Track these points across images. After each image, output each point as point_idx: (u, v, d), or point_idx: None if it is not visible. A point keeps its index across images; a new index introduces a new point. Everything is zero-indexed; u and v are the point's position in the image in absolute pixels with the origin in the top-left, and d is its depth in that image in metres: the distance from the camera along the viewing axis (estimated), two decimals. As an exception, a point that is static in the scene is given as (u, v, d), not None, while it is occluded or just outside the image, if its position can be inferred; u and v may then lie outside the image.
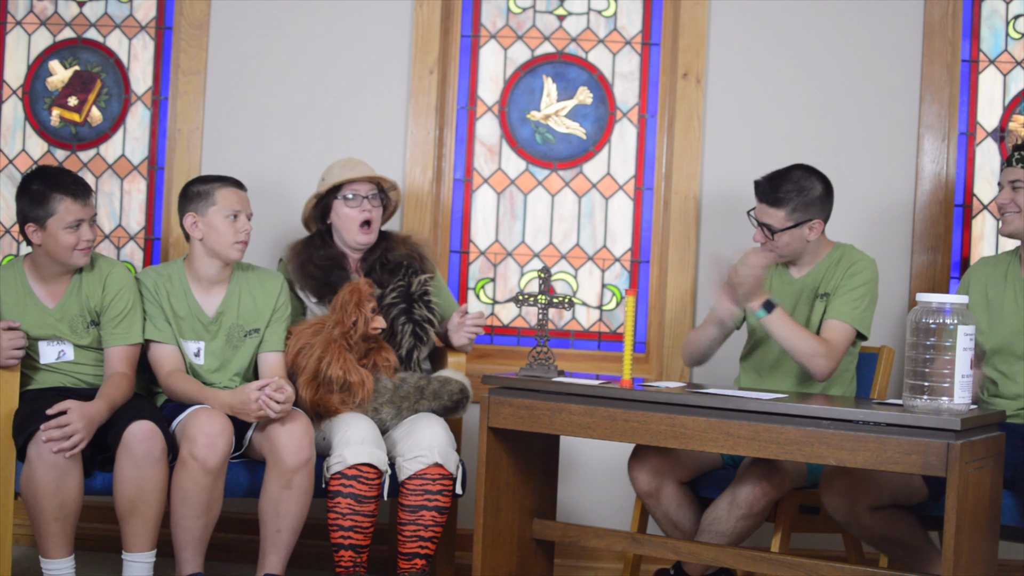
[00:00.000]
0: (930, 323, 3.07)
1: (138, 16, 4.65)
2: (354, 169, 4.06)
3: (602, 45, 4.58)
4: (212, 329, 3.89)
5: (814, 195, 3.71)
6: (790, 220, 3.70)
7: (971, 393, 3.10)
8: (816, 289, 3.77)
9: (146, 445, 3.55)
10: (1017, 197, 3.59)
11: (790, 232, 3.71)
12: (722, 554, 3.47)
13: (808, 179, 3.73)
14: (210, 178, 3.92)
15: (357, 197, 4.02)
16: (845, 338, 3.65)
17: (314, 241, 4.09)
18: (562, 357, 4.50)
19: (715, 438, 3.26)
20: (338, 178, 4.02)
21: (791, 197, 3.69)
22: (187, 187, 3.92)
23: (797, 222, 3.70)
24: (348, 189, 4.02)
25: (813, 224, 3.72)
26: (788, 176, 3.72)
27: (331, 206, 4.05)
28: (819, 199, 3.72)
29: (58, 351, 3.80)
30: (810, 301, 3.77)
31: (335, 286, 3.96)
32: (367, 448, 3.69)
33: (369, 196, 4.03)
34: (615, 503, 4.42)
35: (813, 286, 3.78)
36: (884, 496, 3.45)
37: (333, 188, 4.04)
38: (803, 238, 3.74)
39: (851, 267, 3.73)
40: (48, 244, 3.71)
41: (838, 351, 3.63)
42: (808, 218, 3.71)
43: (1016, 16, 4.43)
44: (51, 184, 3.70)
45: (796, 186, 3.70)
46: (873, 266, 3.76)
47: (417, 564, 3.72)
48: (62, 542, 3.55)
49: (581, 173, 4.58)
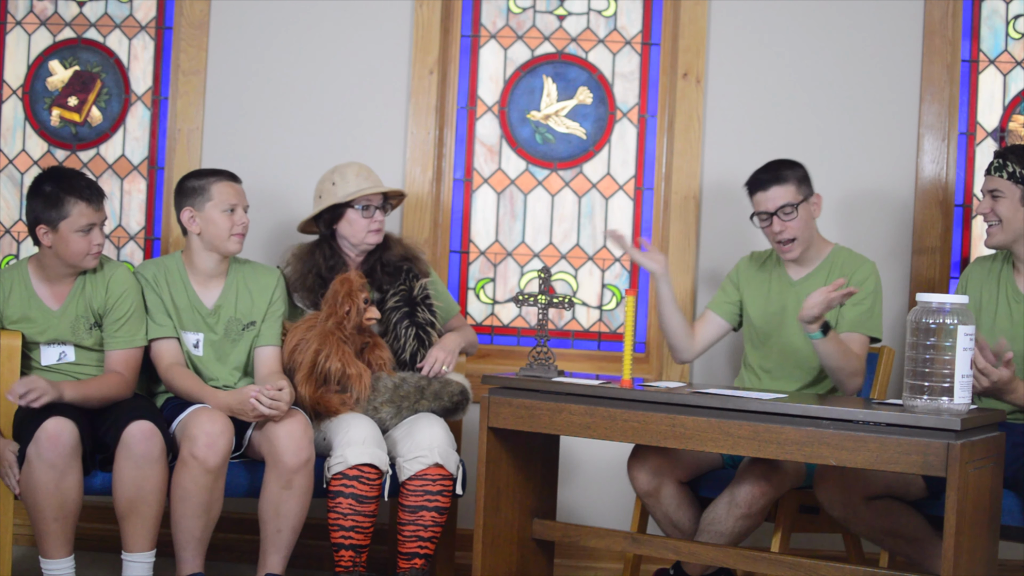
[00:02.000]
0: (930, 323, 3.07)
1: (138, 16, 4.65)
2: (368, 179, 4.03)
3: (602, 45, 4.58)
4: (211, 321, 3.89)
5: (803, 172, 3.86)
6: (800, 193, 3.81)
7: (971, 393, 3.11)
8: None
9: (145, 445, 3.55)
10: (997, 207, 3.57)
11: (804, 206, 3.80)
12: (722, 554, 3.47)
13: (790, 161, 3.87)
14: (205, 172, 3.92)
15: (370, 208, 4.02)
16: (866, 349, 3.78)
17: (322, 250, 4.06)
18: (562, 357, 4.50)
19: (715, 438, 3.26)
20: (360, 190, 3.99)
21: (789, 174, 3.82)
22: (182, 182, 3.92)
23: (806, 196, 3.82)
24: (363, 199, 4.01)
25: (815, 200, 3.85)
26: (776, 162, 3.87)
27: (343, 214, 4.03)
28: (807, 177, 3.86)
29: (59, 353, 3.80)
30: None
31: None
32: (368, 448, 3.69)
33: (379, 206, 4.04)
34: (615, 503, 4.42)
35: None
36: (878, 485, 3.46)
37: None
38: (811, 216, 3.83)
39: (856, 275, 3.80)
40: (59, 246, 3.71)
41: (864, 364, 3.74)
42: (810, 192, 3.84)
43: (1016, 16, 4.43)
44: (65, 187, 3.70)
45: (788, 165, 3.85)
46: (874, 269, 3.85)
47: (417, 564, 3.72)
48: (62, 542, 3.55)
49: (581, 173, 4.58)
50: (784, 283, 3.88)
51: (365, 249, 4.06)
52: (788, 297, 3.85)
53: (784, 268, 3.90)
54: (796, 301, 3.81)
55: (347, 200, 3.98)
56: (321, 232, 4.08)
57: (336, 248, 4.06)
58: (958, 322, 3.05)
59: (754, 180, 3.84)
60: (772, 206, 3.79)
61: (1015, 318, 3.61)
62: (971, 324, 3.07)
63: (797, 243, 3.81)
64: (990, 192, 3.59)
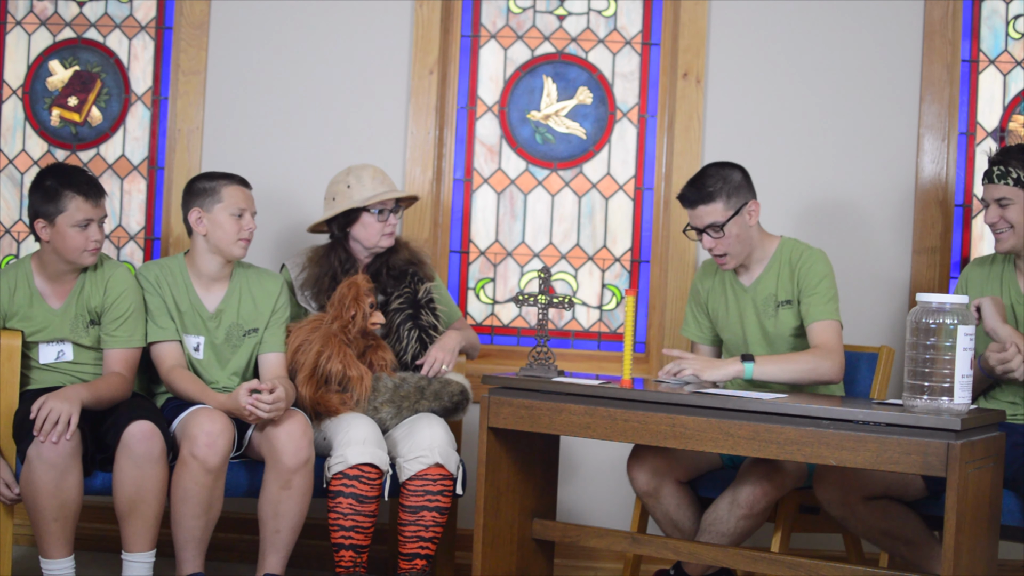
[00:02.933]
0: (930, 323, 3.07)
1: (138, 16, 4.65)
2: (385, 183, 4.03)
3: (602, 45, 4.58)
4: (211, 325, 3.89)
5: (736, 180, 3.73)
6: (730, 209, 3.70)
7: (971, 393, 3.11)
8: (775, 297, 3.76)
9: (145, 445, 3.55)
10: (1007, 214, 3.52)
11: (735, 221, 3.70)
12: (722, 554, 3.47)
13: (723, 169, 3.75)
14: (216, 175, 3.92)
15: (385, 212, 4.01)
16: (836, 333, 3.68)
17: (337, 253, 4.05)
18: (562, 357, 4.50)
19: (715, 438, 3.26)
20: (373, 196, 3.98)
21: (718, 187, 3.70)
22: (192, 182, 3.92)
23: (736, 209, 3.71)
24: (379, 204, 4.01)
25: (750, 208, 3.73)
26: (705, 173, 3.75)
27: (358, 217, 4.02)
28: (743, 182, 3.74)
29: (57, 351, 3.79)
30: (772, 311, 3.76)
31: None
32: (369, 448, 3.69)
33: (392, 209, 4.04)
34: (615, 503, 4.42)
35: (769, 294, 3.77)
36: (876, 486, 3.46)
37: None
38: (746, 225, 3.73)
39: (804, 266, 3.73)
40: (56, 241, 3.71)
41: (835, 348, 3.65)
42: (743, 202, 3.72)
43: (1016, 16, 4.43)
44: (64, 181, 3.70)
45: (717, 177, 3.72)
46: (823, 256, 3.76)
47: (418, 564, 3.72)
48: (62, 542, 3.55)
49: (581, 173, 4.58)
50: (738, 291, 3.84)
51: (377, 252, 4.06)
52: (744, 305, 3.81)
53: (735, 275, 3.86)
54: (752, 308, 3.79)
55: (364, 204, 3.98)
56: (334, 234, 4.07)
57: (349, 250, 4.06)
58: (958, 322, 3.05)
59: (681, 196, 3.76)
60: (700, 224, 3.73)
61: (1020, 320, 3.60)
62: (971, 324, 3.07)
63: (730, 257, 3.75)
64: (996, 201, 3.52)
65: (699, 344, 3.97)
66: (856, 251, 4.33)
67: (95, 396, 3.64)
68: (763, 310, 3.78)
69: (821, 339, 3.66)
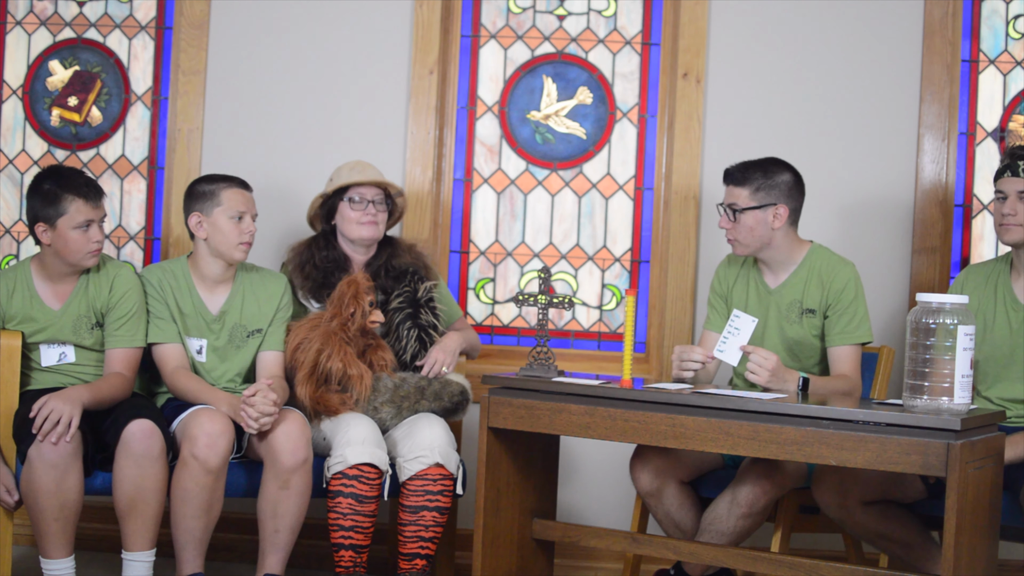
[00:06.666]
0: (930, 323, 3.07)
1: (138, 16, 4.65)
2: (362, 173, 4.05)
3: (602, 45, 4.58)
4: (215, 328, 3.89)
5: (779, 179, 3.72)
6: (754, 200, 3.70)
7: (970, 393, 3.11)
8: (800, 304, 3.75)
9: (145, 444, 3.55)
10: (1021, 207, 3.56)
11: (753, 214, 3.70)
12: (722, 554, 3.47)
13: (777, 166, 3.75)
14: (216, 178, 3.92)
15: (363, 201, 4.02)
16: (857, 358, 3.70)
17: (317, 242, 4.09)
18: (562, 357, 4.50)
19: (715, 438, 3.26)
20: (345, 180, 4.03)
21: (756, 177, 3.71)
22: (192, 186, 3.92)
23: (761, 203, 3.70)
24: (354, 192, 4.02)
25: (778, 210, 3.71)
26: (758, 162, 3.76)
27: (336, 207, 4.05)
28: (785, 185, 3.73)
29: (59, 353, 3.79)
30: (797, 316, 3.75)
31: (334, 287, 3.95)
32: (368, 448, 3.69)
33: (375, 200, 4.03)
34: (615, 503, 4.42)
35: (794, 299, 3.75)
36: (874, 490, 3.46)
37: (339, 189, 4.04)
38: (767, 224, 3.71)
39: (835, 283, 3.71)
40: (57, 244, 3.71)
41: (857, 375, 3.68)
42: (772, 202, 3.70)
43: (1016, 16, 4.43)
44: (63, 184, 3.70)
45: (762, 170, 3.73)
46: (854, 272, 3.74)
47: (418, 564, 3.72)
48: (62, 542, 3.55)
49: (581, 173, 4.58)
50: (762, 291, 3.82)
51: (362, 244, 4.06)
52: (768, 307, 3.80)
53: (760, 274, 3.84)
54: (776, 311, 3.78)
55: (332, 191, 4.00)
56: (322, 227, 4.10)
57: (334, 243, 4.08)
58: (958, 322, 3.05)
59: (726, 170, 3.78)
60: (726, 200, 3.75)
61: (1013, 326, 3.60)
62: (971, 324, 3.07)
63: (738, 244, 3.75)
64: (1018, 193, 3.53)
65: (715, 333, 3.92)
66: (856, 251, 4.32)
67: (96, 397, 3.64)
68: (785, 315, 3.76)
69: (848, 367, 3.68)
